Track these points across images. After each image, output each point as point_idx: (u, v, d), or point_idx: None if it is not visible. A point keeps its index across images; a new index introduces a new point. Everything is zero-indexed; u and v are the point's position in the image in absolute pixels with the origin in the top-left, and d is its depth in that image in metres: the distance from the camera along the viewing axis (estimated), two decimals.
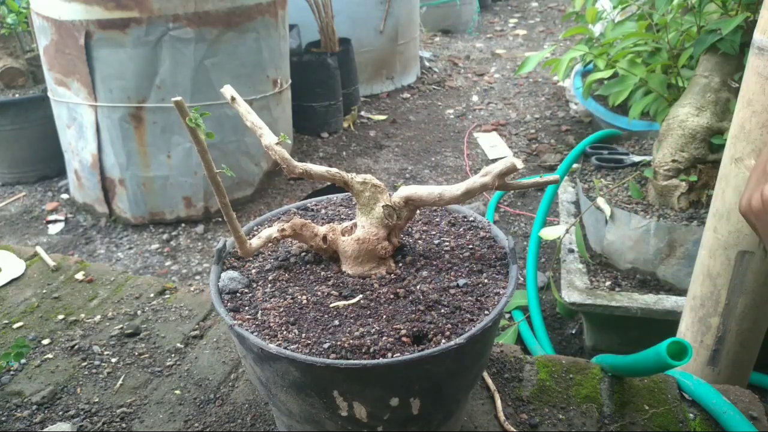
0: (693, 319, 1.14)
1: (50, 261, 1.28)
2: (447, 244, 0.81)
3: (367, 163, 2.83)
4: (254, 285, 0.73)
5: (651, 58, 1.67)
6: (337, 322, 0.65)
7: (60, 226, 2.38)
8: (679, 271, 1.44)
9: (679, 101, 1.47)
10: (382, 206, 0.73)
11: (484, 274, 0.74)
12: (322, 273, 0.75)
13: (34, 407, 0.93)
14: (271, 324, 0.65)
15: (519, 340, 1.60)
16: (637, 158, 1.72)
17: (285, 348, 0.61)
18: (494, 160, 2.90)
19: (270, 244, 0.77)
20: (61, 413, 0.92)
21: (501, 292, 0.70)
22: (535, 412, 0.89)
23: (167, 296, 1.19)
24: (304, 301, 0.69)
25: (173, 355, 1.04)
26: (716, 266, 1.06)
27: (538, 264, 1.77)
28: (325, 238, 0.75)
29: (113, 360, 1.03)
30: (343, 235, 0.76)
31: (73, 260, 1.31)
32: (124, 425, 0.89)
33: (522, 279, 1.80)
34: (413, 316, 0.65)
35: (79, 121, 2.26)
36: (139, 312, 1.14)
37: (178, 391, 0.96)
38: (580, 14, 2.02)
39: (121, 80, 2.13)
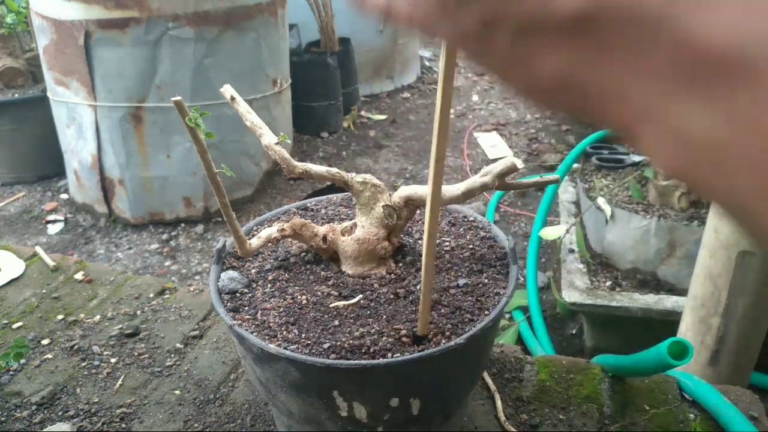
0: (694, 319, 1.13)
1: (50, 261, 1.28)
2: (447, 244, 0.81)
3: (367, 162, 2.83)
4: (254, 285, 0.73)
5: None
6: (337, 323, 0.65)
7: (59, 226, 2.38)
8: (680, 271, 1.44)
9: None
10: (382, 206, 0.73)
11: (484, 274, 0.73)
12: (322, 273, 0.75)
13: (34, 407, 0.93)
14: (271, 324, 0.65)
15: (519, 340, 1.60)
16: (637, 158, 1.72)
17: (285, 348, 0.61)
18: (494, 160, 2.90)
19: (270, 244, 0.77)
20: (60, 413, 0.92)
21: (501, 293, 0.70)
22: (535, 413, 0.89)
23: (167, 296, 1.19)
24: (304, 301, 0.69)
25: (173, 356, 1.03)
26: (717, 266, 1.06)
27: (538, 264, 1.77)
28: (324, 238, 0.75)
29: (113, 360, 1.02)
30: (343, 235, 0.75)
31: (72, 260, 1.31)
32: (123, 425, 0.89)
33: (522, 279, 1.80)
34: (413, 316, 0.65)
35: (78, 121, 2.26)
36: (138, 312, 1.14)
37: (177, 392, 0.95)
38: None
39: (120, 80, 2.13)
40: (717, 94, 0.20)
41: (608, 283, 1.48)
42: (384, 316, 0.66)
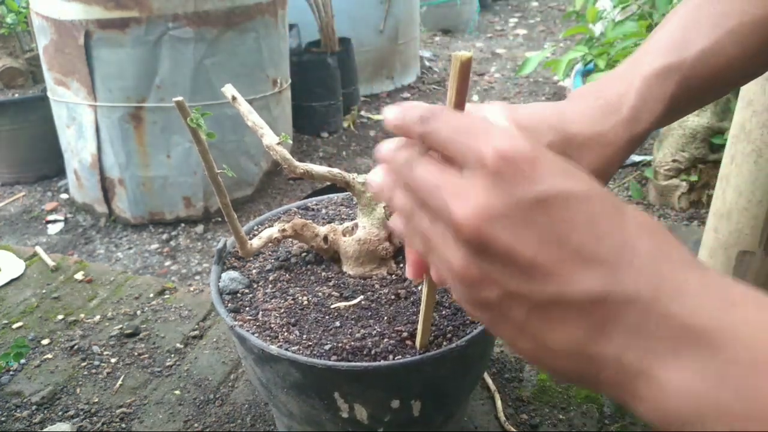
0: None
1: (50, 261, 1.28)
2: None
3: (367, 163, 2.83)
4: (255, 285, 0.73)
5: None
6: (338, 324, 0.65)
7: (59, 226, 2.38)
8: None
9: None
10: (384, 207, 0.73)
11: None
12: (323, 273, 0.75)
13: (34, 407, 0.93)
14: (272, 325, 0.65)
15: None
16: (637, 158, 1.72)
17: (286, 349, 0.61)
18: None
19: (270, 244, 0.77)
20: (60, 413, 0.92)
21: None
22: (535, 413, 0.89)
23: (167, 296, 1.19)
24: (305, 302, 0.69)
25: (173, 356, 1.03)
26: (716, 266, 1.06)
27: None
28: (326, 238, 0.75)
29: (113, 360, 1.02)
30: (344, 236, 0.75)
31: (72, 260, 1.31)
32: (123, 425, 0.89)
33: None
34: (414, 317, 0.65)
35: (78, 121, 2.25)
36: (138, 312, 1.14)
37: (177, 392, 0.95)
38: (581, 14, 2.02)
39: (120, 80, 2.13)
40: (693, 359, 0.26)
41: None
42: (385, 318, 0.66)
